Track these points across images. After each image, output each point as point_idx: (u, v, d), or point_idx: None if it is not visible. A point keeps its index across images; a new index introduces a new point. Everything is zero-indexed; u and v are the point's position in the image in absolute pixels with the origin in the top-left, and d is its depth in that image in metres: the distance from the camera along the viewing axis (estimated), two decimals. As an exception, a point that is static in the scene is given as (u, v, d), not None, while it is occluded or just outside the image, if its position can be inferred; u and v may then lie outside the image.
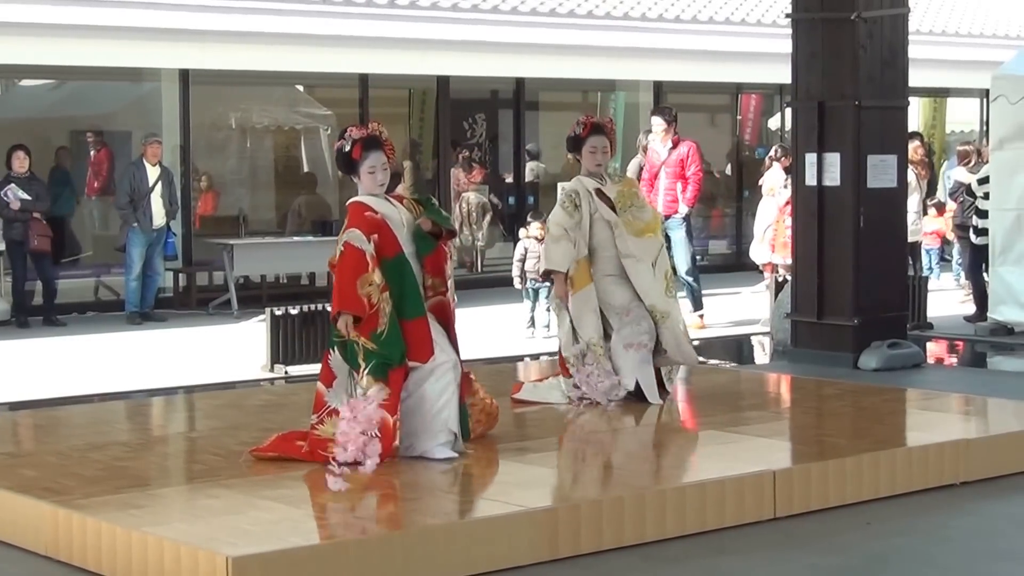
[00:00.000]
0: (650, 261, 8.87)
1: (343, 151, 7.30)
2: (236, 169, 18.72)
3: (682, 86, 20.48)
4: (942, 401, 9.22)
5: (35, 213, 14.77)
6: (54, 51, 15.44)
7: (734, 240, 21.64)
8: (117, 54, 15.75)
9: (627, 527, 6.32)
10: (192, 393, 10.42)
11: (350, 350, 7.10)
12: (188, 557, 5.57)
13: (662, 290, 8.88)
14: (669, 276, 8.97)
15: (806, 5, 11.69)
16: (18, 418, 9.19)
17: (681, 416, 9.10)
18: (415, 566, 5.80)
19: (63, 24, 15.10)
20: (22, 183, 14.76)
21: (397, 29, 17.08)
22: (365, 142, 7.28)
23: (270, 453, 7.22)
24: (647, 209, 9.10)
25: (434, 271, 7.31)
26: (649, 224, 8.98)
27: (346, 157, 7.30)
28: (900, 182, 11.54)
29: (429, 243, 7.31)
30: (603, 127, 9.03)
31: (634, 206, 8.97)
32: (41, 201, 14.88)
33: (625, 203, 8.95)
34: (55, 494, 6.45)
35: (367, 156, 7.26)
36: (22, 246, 14.84)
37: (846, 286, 11.30)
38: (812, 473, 6.95)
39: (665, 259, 9.00)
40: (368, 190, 7.31)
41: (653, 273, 8.87)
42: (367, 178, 7.28)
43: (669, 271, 9.00)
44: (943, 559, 6.28)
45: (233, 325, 14.90)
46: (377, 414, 6.92)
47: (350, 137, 7.30)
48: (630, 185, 9.28)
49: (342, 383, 7.15)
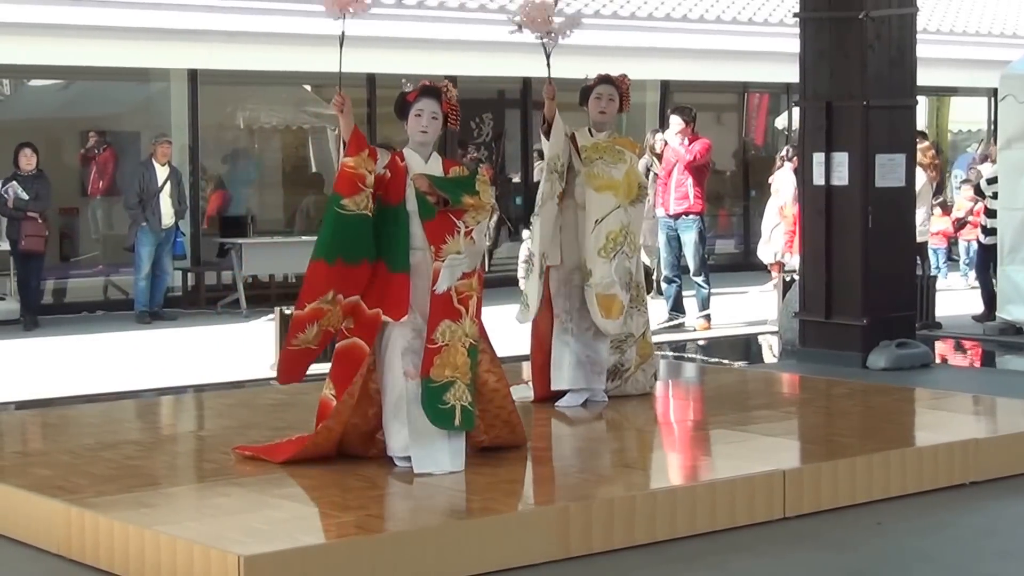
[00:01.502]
0: (595, 217, 8.61)
1: (402, 93, 7.20)
2: (244, 169, 18.74)
3: (689, 85, 20.47)
4: (951, 401, 9.22)
5: (30, 212, 14.62)
6: (63, 52, 15.47)
7: (742, 239, 21.64)
8: (126, 54, 15.78)
9: (638, 526, 6.33)
10: (201, 392, 10.45)
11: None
12: (200, 556, 5.58)
13: (595, 249, 8.56)
14: (613, 239, 8.58)
15: (814, 4, 11.68)
16: (30, 417, 9.21)
17: (690, 415, 9.11)
18: (427, 564, 5.81)
19: (72, 25, 15.13)
20: (27, 181, 14.63)
21: (404, 29, 17.10)
22: (424, 88, 7.21)
23: (248, 453, 7.25)
24: (619, 168, 8.73)
25: (432, 238, 6.96)
26: (612, 182, 8.67)
27: (401, 98, 7.20)
28: (908, 181, 11.54)
29: (427, 207, 7.02)
30: (612, 78, 9.00)
31: (603, 160, 8.72)
32: (40, 201, 14.70)
33: (592, 156, 8.73)
34: (67, 493, 6.46)
35: (420, 100, 7.17)
36: (18, 245, 14.72)
37: (854, 285, 11.29)
38: (822, 473, 6.96)
39: (615, 222, 8.60)
40: (411, 132, 7.17)
41: (593, 229, 8.60)
42: (413, 120, 7.14)
43: (617, 234, 8.59)
44: (953, 559, 6.28)
45: (242, 324, 14.93)
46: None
47: (422, 85, 7.24)
48: (619, 143, 8.91)
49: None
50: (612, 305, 8.61)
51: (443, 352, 6.86)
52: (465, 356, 6.91)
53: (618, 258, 8.62)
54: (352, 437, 7.10)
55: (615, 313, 8.62)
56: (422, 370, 6.85)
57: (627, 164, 8.81)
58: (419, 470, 6.81)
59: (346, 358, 7.00)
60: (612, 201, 8.65)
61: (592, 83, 9.02)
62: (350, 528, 6.05)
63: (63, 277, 16.72)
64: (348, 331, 7.01)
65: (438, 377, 6.85)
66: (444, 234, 6.94)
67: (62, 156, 17.36)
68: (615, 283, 8.60)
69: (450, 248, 6.94)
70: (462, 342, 6.91)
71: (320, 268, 6.92)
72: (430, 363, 6.86)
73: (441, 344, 6.87)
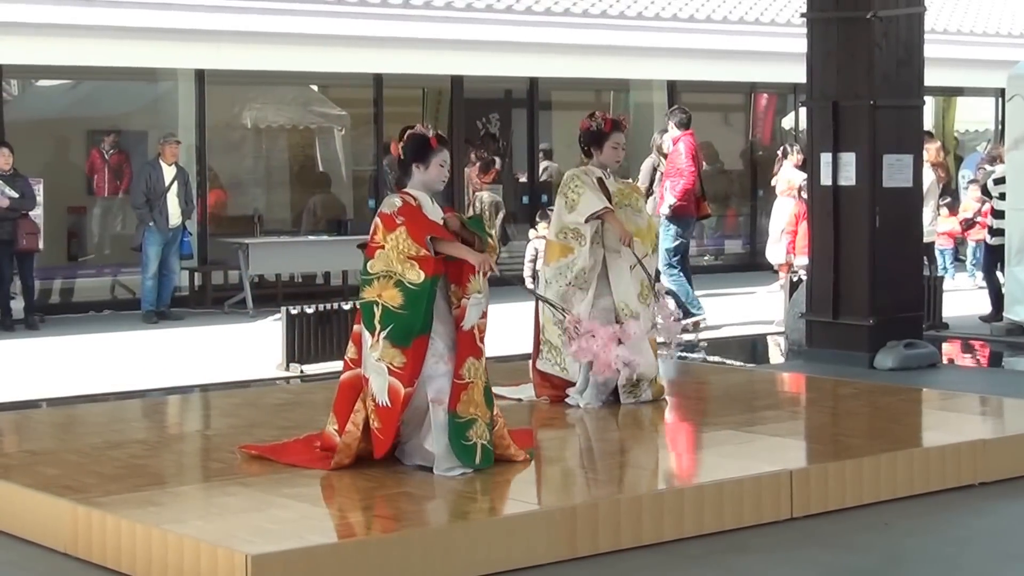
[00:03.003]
0: (629, 264, 8.79)
1: (424, 136, 7.19)
2: (251, 169, 18.76)
3: (695, 85, 20.47)
4: (958, 401, 9.22)
5: (22, 211, 14.47)
6: (70, 51, 15.48)
7: (748, 240, 21.63)
8: (133, 54, 15.79)
9: (645, 526, 6.33)
10: (208, 392, 10.46)
11: (367, 310, 6.98)
12: (207, 555, 5.59)
13: (635, 293, 8.79)
14: (645, 285, 8.83)
15: (821, 4, 11.68)
16: (37, 416, 9.21)
17: (697, 416, 9.10)
18: (434, 565, 5.81)
19: (79, 25, 15.14)
20: (9, 180, 14.46)
21: (411, 29, 17.10)
22: (440, 137, 7.27)
23: (255, 452, 7.25)
24: (644, 216, 9.02)
25: (456, 280, 7.09)
26: (640, 231, 8.86)
27: (424, 141, 7.18)
28: (916, 182, 11.53)
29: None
30: (621, 124, 9.06)
31: (630, 206, 8.93)
32: (27, 199, 14.56)
33: (622, 200, 8.91)
34: (74, 492, 6.47)
35: (442, 150, 7.23)
36: (10, 245, 14.48)
37: (862, 286, 11.28)
38: (829, 473, 6.96)
39: (646, 268, 8.85)
40: (433, 181, 7.20)
41: (631, 274, 8.78)
42: (436, 170, 7.19)
43: (646, 281, 8.85)
44: (960, 559, 6.28)
45: (248, 324, 14.93)
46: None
47: (427, 128, 7.25)
48: (633, 189, 9.25)
49: (367, 345, 6.99)
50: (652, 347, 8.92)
51: (468, 389, 7.00)
52: (483, 394, 7.05)
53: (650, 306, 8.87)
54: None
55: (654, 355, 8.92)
56: (450, 404, 6.97)
57: (645, 211, 9.11)
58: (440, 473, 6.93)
59: (350, 389, 7.07)
60: (641, 247, 8.84)
61: (605, 128, 8.93)
62: (357, 528, 6.05)
63: (71, 277, 16.73)
64: (352, 362, 7.07)
65: (463, 413, 6.97)
66: (468, 274, 7.04)
67: (69, 156, 17.38)
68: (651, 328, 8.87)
69: (473, 287, 7.04)
70: (481, 379, 7.05)
71: (422, 343, 6.95)
72: (457, 398, 6.99)
73: (467, 381, 7.00)
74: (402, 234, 6.94)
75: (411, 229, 6.95)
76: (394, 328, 6.88)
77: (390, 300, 6.90)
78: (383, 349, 6.89)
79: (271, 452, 7.25)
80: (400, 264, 6.91)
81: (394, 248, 6.93)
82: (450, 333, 7.03)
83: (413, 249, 6.92)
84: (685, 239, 14.28)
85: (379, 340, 6.91)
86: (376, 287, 6.95)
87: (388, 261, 6.94)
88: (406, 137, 7.24)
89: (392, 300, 6.90)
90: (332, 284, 17.37)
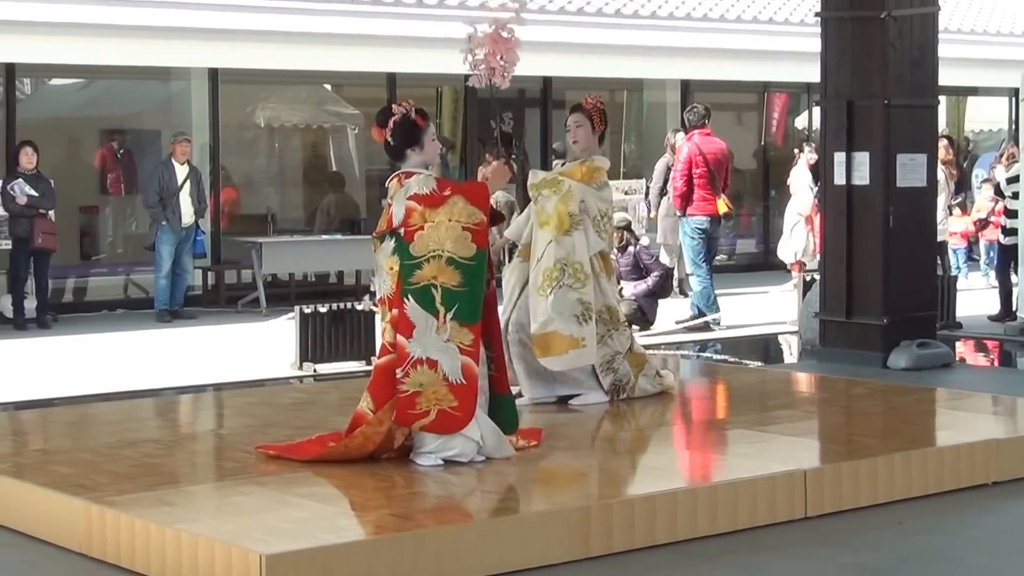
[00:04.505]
0: (536, 257, 8.52)
1: (408, 118, 7.15)
2: (264, 168, 18.78)
3: (709, 85, 20.45)
4: (972, 401, 9.20)
5: (40, 210, 14.54)
6: (83, 50, 15.50)
7: (762, 239, 21.61)
8: (146, 53, 15.82)
9: (659, 526, 6.32)
10: (221, 391, 10.47)
11: (423, 295, 6.94)
12: (221, 554, 5.59)
13: (534, 289, 8.49)
14: (548, 275, 8.40)
15: (836, 4, 11.66)
16: (50, 415, 9.23)
17: (710, 415, 9.09)
18: (448, 564, 5.81)
19: (92, 24, 15.17)
20: (30, 179, 14.52)
21: (424, 28, 17.10)
22: (422, 112, 7.25)
23: (272, 452, 7.24)
24: (551, 201, 8.55)
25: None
26: (547, 217, 8.52)
27: (411, 124, 7.16)
28: (930, 181, 11.51)
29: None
30: (581, 105, 8.85)
31: (542, 196, 8.61)
32: (47, 199, 14.63)
33: (536, 192, 8.65)
34: (88, 491, 6.48)
35: (429, 125, 7.25)
36: (27, 244, 14.53)
37: (875, 285, 11.26)
38: (843, 473, 6.95)
39: (549, 259, 8.43)
40: (432, 158, 7.27)
41: (533, 268, 8.52)
42: (431, 146, 7.21)
43: (552, 269, 8.39)
44: (974, 559, 6.26)
45: (262, 323, 14.95)
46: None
47: (409, 108, 7.20)
48: (567, 173, 8.71)
49: (424, 329, 6.94)
50: (550, 343, 8.42)
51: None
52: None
53: (558, 292, 8.40)
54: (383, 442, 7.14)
55: (555, 350, 8.43)
56: (505, 386, 7.30)
57: (560, 195, 8.57)
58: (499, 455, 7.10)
59: (387, 372, 7.03)
60: (547, 236, 8.51)
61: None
62: (371, 528, 6.05)
63: (84, 276, 16.77)
64: (391, 346, 7.04)
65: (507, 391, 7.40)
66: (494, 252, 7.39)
67: (82, 155, 17.41)
68: (553, 320, 8.37)
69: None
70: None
71: (478, 330, 7.01)
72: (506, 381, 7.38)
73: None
74: (458, 202, 6.95)
75: (469, 196, 6.99)
76: (460, 307, 6.90)
77: (448, 280, 6.91)
78: (452, 330, 6.90)
79: (287, 451, 7.25)
80: (451, 240, 6.91)
81: (444, 222, 6.93)
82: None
83: (476, 216, 6.94)
84: (703, 239, 14.25)
85: (446, 322, 6.91)
86: (428, 269, 6.93)
87: (435, 239, 6.93)
88: (392, 125, 7.19)
89: (450, 280, 6.91)
90: (345, 283, 17.39)
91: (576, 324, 8.45)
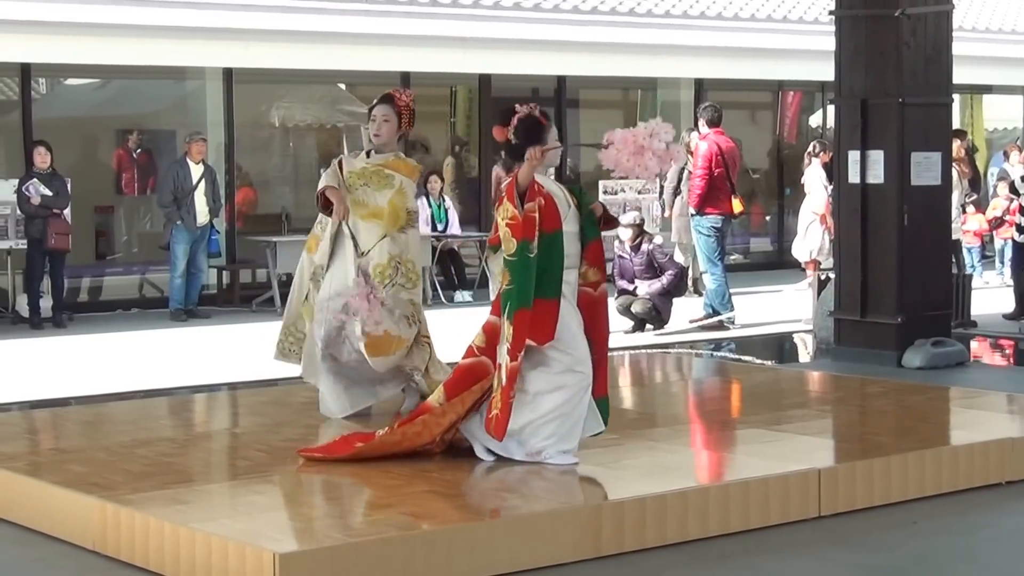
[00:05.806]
0: (362, 249, 8.22)
1: (532, 116, 7.13)
2: (279, 167, 18.80)
3: (723, 83, 20.43)
4: (987, 400, 9.18)
5: (55, 210, 14.58)
6: (99, 50, 15.54)
7: (776, 238, 21.59)
8: (161, 53, 15.85)
9: (670, 525, 6.33)
10: (235, 390, 10.49)
11: (503, 298, 6.97)
12: (235, 553, 5.60)
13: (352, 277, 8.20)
14: (381, 272, 8.14)
15: (850, 2, 11.64)
16: (65, 414, 9.25)
17: (724, 414, 9.08)
18: (459, 562, 5.82)
19: (108, 24, 15.21)
20: (45, 179, 14.56)
21: (439, 27, 17.12)
22: (545, 113, 7.22)
23: (318, 455, 7.21)
24: (384, 195, 8.29)
25: (593, 260, 7.12)
26: (378, 210, 8.26)
27: (535, 123, 7.13)
28: (944, 180, 11.49)
29: (596, 229, 7.19)
30: (392, 97, 8.63)
31: (367, 187, 8.32)
32: (61, 198, 14.65)
33: (356, 183, 8.35)
34: (103, 489, 6.50)
35: (551, 125, 7.20)
36: (41, 243, 14.58)
37: (890, 284, 11.25)
38: (857, 472, 6.94)
39: (382, 254, 8.17)
40: (553, 159, 7.21)
41: (355, 255, 8.23)
42: (554, 152, 7.16)
43: (386, 266, 8.16)
44: (988, 558, 6.25)
45: (276, 322, 14.89)
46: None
47: (533, 108, 7.20)
48: (391, 167, 8.41)
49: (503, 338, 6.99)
50: (380, 344, 8.17)
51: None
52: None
53: (390, 291, 8.18)
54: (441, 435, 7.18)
55: (384, 351, 8.19)
56: (604, 391, 7.25)
57: (394, 189, 8.33)
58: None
59: (468, 372, 7.07)
60: (378, 230, 8.25)
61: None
62: (384, 526, 6.06)
63: (99, 275, 16.81)
64: (478, 349, 7.07)
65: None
66: (602, 254, 7.17)
67: (97, 155, 17.45)
68: (384, 319, 8.13)
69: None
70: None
71: (524, 316, 6.90)
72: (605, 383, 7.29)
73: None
74: (507, 204, 6.95)
75: (508, 191, 6.99)
76: (509, 306, 6.91)
77: (505, 281, 6.96)
78: (505, 329, 6.91)
79: (330, 451, 7.22)
80: (506, 239, 6.93)
81: (502, 221, 6.96)
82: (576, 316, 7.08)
83: (511, 211, 6.91)
84: (718, 237, 14.23)
85: (504, 323, 6.93)
86: (504, 273, 7.00)
87: (504, 240, 6.97)
88: (516, 122, 7.12)
89: (506, 280, 6.95)
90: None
91: (406, 325, 8.27)
